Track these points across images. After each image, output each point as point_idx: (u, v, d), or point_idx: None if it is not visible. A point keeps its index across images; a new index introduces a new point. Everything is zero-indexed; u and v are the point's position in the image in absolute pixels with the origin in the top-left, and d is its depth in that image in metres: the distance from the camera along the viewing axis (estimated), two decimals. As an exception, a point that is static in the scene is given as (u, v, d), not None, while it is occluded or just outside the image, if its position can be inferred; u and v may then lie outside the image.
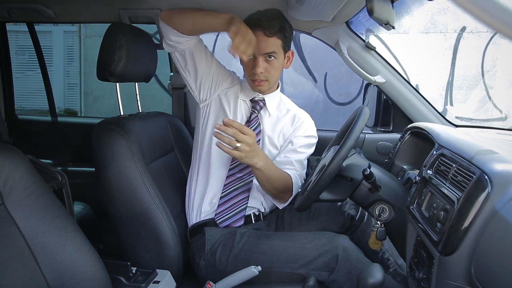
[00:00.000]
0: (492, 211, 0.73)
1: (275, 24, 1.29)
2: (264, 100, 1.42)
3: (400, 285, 1.26)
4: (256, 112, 1.41)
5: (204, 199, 1.36)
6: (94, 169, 1.28)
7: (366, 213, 1.45)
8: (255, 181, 1.36)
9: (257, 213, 1.41)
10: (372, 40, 2.49)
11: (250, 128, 1.34)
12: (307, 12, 1.50)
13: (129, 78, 1.36)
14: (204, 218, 1.35)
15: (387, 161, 1.57)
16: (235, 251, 1.23)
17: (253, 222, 1.39)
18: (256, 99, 1.42)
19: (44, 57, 2.20)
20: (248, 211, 1.38)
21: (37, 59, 2.18)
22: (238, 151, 1.15)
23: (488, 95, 4.76)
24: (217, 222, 1.33)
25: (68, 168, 2.05)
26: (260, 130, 1.40)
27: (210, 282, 1.14)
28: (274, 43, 1.30)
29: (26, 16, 1.81)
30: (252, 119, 1.40)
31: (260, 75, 1.31)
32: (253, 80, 1.33)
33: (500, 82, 4.73)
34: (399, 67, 4.44)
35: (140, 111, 1.56)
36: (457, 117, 4.62)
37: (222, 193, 1.35)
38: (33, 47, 2.15)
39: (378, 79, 1.66)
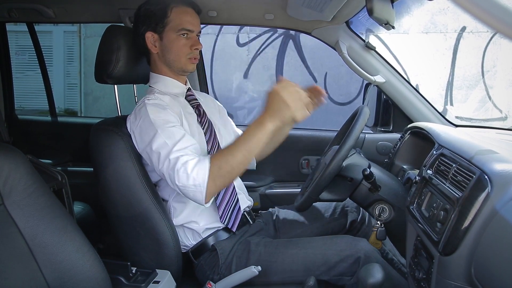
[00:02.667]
0: (492, 211, 0.73)
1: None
2: (189, 88, 1.39)
3: (405, 281, 1.25)
4: (196, 102, 1.37)
5: (198, 212, 1.28)
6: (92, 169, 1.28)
7: (367, 215, 1.45)
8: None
9: (248, 210, 1.39)
10: (372, 40, 2.50)
11: (202, 120, 1.32)
12: (307, 12, 1.50)
13: (127, 80, 1.36)
14: (209, 234, 1.29)
15: (387, 161, 1.57)
16: (252, 262, 1.19)
17: (251, 222, 1.38)
18: (187, 92, 1.37)
19: (44, 57, 2.20)
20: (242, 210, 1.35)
21: (37, 59, 2.17)
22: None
23: (488, 95, 4.76)
24: (224, 223, 1.27)
25: (68, 168, 2.05)
26: (207, 118, 1.36)
27: (210, 282, 1.14)
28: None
29: (26, 16, 1.81)
30: (201, 111, 1.35)
31: (197, 52, 1.30)
32: (190, 58, 1.29)
33: (500, 82, 4.73)
34: (399, 67, 4.44)
35: None
36: (457, 117, 4.62)
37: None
38: (33, 47, 2.15)
39: (378, 79, 1.66)
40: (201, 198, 1.08)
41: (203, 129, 1.32)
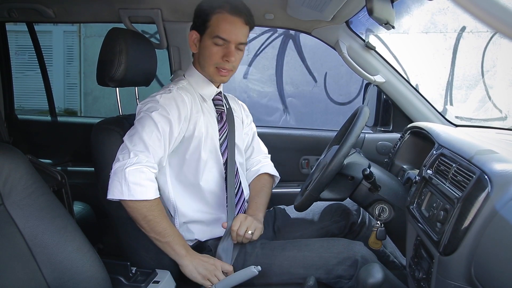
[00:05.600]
0: (492, 211, 0.72)
1: (251, 13, 1.26)
2: (220, 93, 1.37)
3: (404, 285, 1.25)
4: (222, 108, 1.36)
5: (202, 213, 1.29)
6: (93, 169, 1.28)
7: (368, 218, 1.45)
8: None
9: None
10: (372, 40, 2.50)
11: (222, 129, 1.32)
12: (307, 12, 1.50)
13: (129, 83, 1.36)
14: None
15: (387, 160, 1.57)
16: (250, 264, 1.18)
17: None
18: (215, 96, 1.35)
19: (44, 57, 2.20)
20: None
21: (37, 59, 2.17)
22: (254, 235, 1.22)
23: (488, 95, 4.76)
24: None
25: (68, 168, 2.05)
26: (227, 128, 1.36)
27: (210, 282, 1.15)
28: (247, 33, 1.26)
29: (26, 16, 1.81)
30: (223, 119, 1.35)
31: (230, 64, 1.24)
32: (219, 69, 1.24)
33: (500, 82, 4.73)
34: (399, 67, 4.44)
35: None
36: (457, 117, 4.62)
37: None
38: (33, 47, 2.15)
39: (378, 78, 1.66)
40: (116, 196, 1.08)
41: (220, 138, 1.31)
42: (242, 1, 1.25)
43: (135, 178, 1.07)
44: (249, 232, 1.21)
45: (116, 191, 1.08)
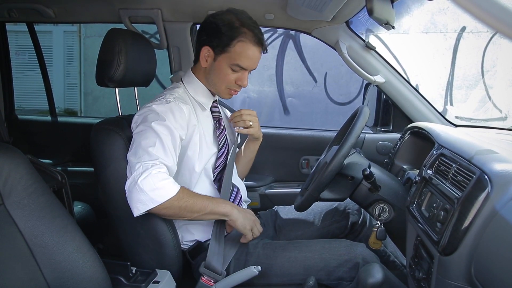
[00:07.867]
0: (492, 211, 0.73)
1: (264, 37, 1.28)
2: (216, 100, 1.37)
3: (404, 285, 1.25)
4: (219, 115, 1.36)
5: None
6: (93, 169, 1.28)
7: (368, 218, 1.45)
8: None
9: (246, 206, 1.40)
10: (372, 40, 2.50)
11: (220, 135, 1.33)
12: (307, 12, 1.50)
13: (128, 83, 1.36)
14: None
15: (387, 161, 1.57)
16: (250, 264, 1.18)
17: None
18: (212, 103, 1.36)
19: (44, 57, 2.20)
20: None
21: (37, 59, 2.18)
22: (253, 128, 1.36)
23: (488, 95, 4.76)
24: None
25: (68, 168, 2.05)
26: (226, 135, 1.37)
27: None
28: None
29: (26, 16, 1.81)
30: (221, 126, 1.35)
31: (239, 87, 1.27)
32: (230, 89, 1.27)
33: (500, 82, 4.73)
34: (399, 67, 4.44)
35: None
36: (457, 117, 4.62)
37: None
38: (33, 47, 2.15)
39: (378, 79, 1.66)
40: (142, 209, 1.07)
41: (218, 144, 1.31)
42: (260, 28, 1.25)
43: (150, 185, 1.06)
44: (251, 123, 1.35)
45: (140, 205, 1.07)
